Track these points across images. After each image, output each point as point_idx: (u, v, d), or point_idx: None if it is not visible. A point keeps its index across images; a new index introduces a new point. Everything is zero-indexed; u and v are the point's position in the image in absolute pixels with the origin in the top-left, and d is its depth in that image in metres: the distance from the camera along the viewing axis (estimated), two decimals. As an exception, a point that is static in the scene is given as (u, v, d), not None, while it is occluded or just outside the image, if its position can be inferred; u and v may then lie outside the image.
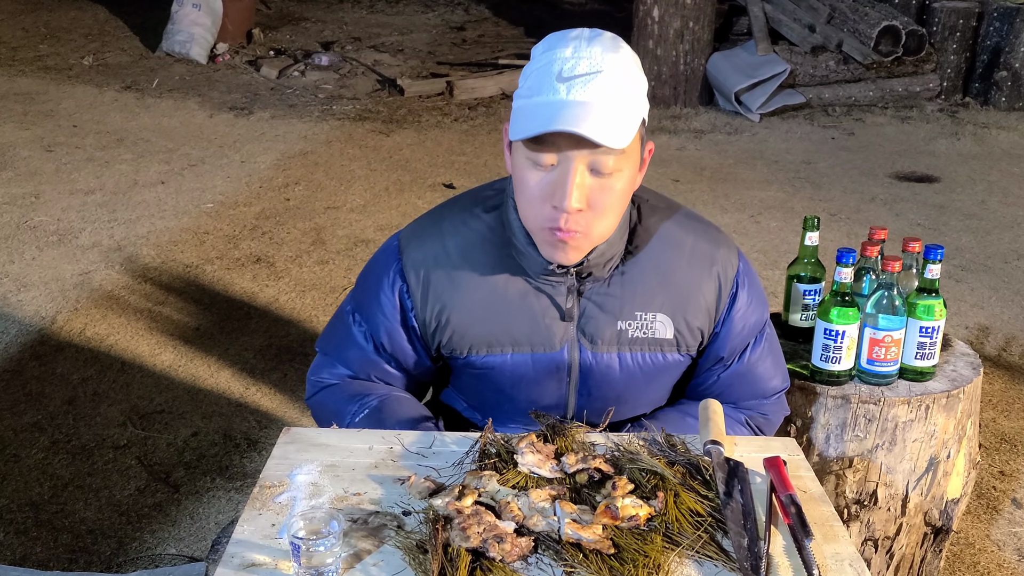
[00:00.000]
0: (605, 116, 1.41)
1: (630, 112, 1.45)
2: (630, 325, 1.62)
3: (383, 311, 1.65)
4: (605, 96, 1.42)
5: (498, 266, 1.61)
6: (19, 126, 6.32)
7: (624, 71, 1.45)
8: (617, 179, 1.47)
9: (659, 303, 1.62)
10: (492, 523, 1.29)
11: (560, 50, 1.45)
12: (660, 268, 1.62)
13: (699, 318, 1.64)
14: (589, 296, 1.61)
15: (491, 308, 1.60)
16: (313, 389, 1.77)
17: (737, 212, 5.15)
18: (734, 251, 1.68)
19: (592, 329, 1.62)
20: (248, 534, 1.32)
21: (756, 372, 1.73)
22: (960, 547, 2.68)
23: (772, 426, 1.81)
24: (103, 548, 2.61)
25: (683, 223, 1.67)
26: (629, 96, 1.45)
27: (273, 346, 3.67)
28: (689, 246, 1.64)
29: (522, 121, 1.45)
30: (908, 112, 7.06)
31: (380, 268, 1.67)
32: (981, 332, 3.93)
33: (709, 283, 1.64)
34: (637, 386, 1.67)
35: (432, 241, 1.63)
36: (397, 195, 5.27)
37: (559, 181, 1.45)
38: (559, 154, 1.44)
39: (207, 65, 7.95)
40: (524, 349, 1.62)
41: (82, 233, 4.67)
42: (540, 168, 1.46)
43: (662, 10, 7.01)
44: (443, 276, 1.61)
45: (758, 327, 1.71)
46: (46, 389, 3.35)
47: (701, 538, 1.30)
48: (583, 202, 1.45)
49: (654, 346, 1.64)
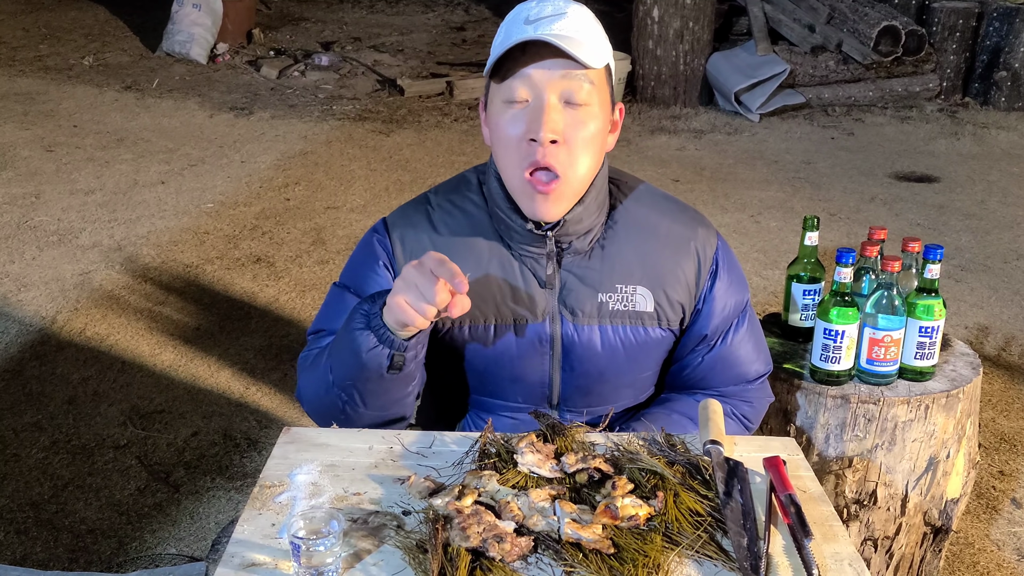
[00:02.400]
0: (576, 43, 1.50)
1: (598, 44, 1.54)
2: (611, 297, 1.65)
3: (376, 278, 1.67)
4: (573, 29, 1.52)
5: (481, 240, 1.65)
6: (19, 126, 6.33)
7: (588, 16, 1.56)
8: (588, 115, 1.53)
9: (639, 276, 1.65)
10: (492, 523, 1.29)
11: (526, 4, 1.57)
12: (640, 242, 1.66)
13: (679, 292, 1.67)
14: (569, 268, 1.64)
15: (474, 280, 1.63)
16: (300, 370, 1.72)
17: (737, 212, 5.16)
18: (712, 231, 1.72)
19: (573, 301, 1.64)
20: (248, 534, 1.32)
21: (738, 354, 1.74)
22: (960, 547, 2.68)
23: (757, 414, 1.81)
24: (103, 548, 2.61)
25: (661, 203, 1.72)
26: (597, 32, 1.55)
27: (273, 346, 3.67)
28: (668, 223, 1.69)
29: (493, 56, 1.53)
30: (908, 112, 7.06)
31: (368, 244, 1.70)
32: (981, 332, 3.93)
33: (688, 259, 1.68)
34: (619, 363, 1.68)
35: (418, 217, 1.68)
36: (397, 195, 5.27)
37: (533, 114, 1.52)
38: (531, 87, 1.52)
39: (207, 65, 7.95)
40: (507, 320, 1.65)
41: (82, 233, 4.68)
42: (514, 106, 1.53)
43: (662, 10, 7.02)
44: (428, 247, 1.64)
45: (739, 308, 1.73)
46: (46, 389, 3.35)
47: (701, 538, 1.30)
48: (558, 133, 1.51)
49: (635, 319, 1.66)
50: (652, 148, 6.29)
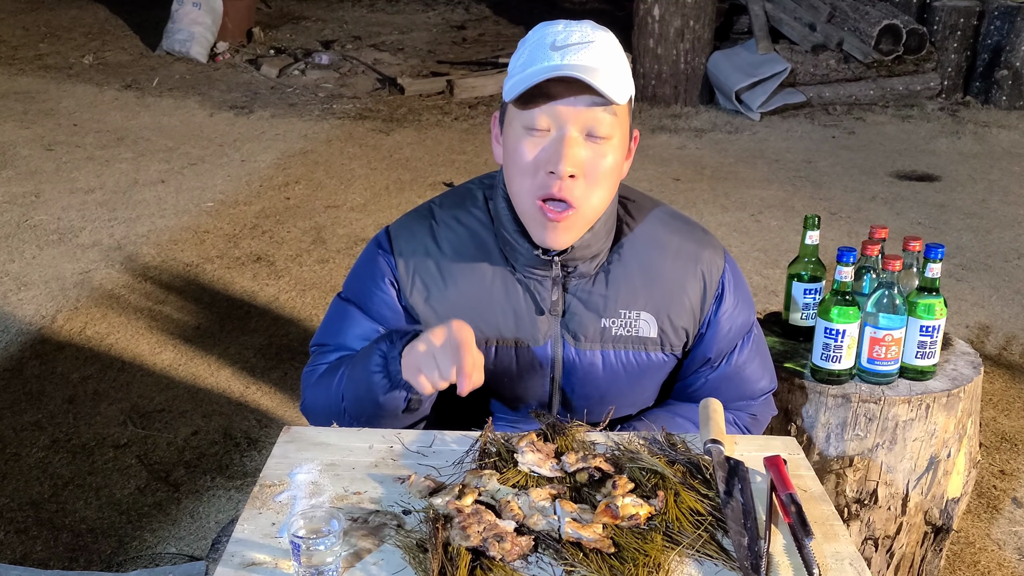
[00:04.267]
0: (601, 74, 1.46)
1: (624, 76, 1.50)
2: (614, 323, 1.63)
3: (380, 291, 1.66)
4: (599, 60, 1.47)
5: (485, 260, 1.63)
6: (19, 125, 6.32)
7: (614, 44, 1.52)
8: (609, 148, 1.50)
9: (643, 301, 1.63)
10: (492, 522, 1.29)
11: (551, 27, 1.52)
12: (645, 267, 1.64)
13: (683, 318, 1.65)
14: (574, 292, 1.62)
15: (476, 300, 1.62)
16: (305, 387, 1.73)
17: (737, 211, 5.15)
18: (720, 252, 1.68)
19: (576, 326, 1.63)
20: (248, 533, 1.32)
21: (744, 374, 1.73)
22: (960, 546, 2.68)
23: (760, 426, 1.81)
24: (103, 547, 2.61)
25: (669, 223, 1.68)
26: (622, 64, 1.51)
27: (273, 345, 3.67)
28: (675, 245, 1.66)
29: (518, 85, 1.48)
30: (909, 111, 7.05)
31: (370, 257, 1.68)
32: (982, 331, 3.92)
33: (694, 283, 1.65)
34: (620, 386, 1.67)
35: (421, 232, 1.66)
36: (397, 194, 5.27)
37: (554, 146, 1.48)
38: (553, 117, 1.48)
39: (207, 64, 7.95)
40: (508, 343, 1.63)
41: (82, 232, 4.68)
42: (534, 134, 1.50)
43: (663, 9, 7.01)
44: (431, 266, 1.63)
45: (745, 328, 1.71)
46: (46, 388, 3.35)
47: (701, 537, 1.30)
48: (578, 167, 1.48)
49: (638, 344, 1.64)
50: (653, 147, 6.28)
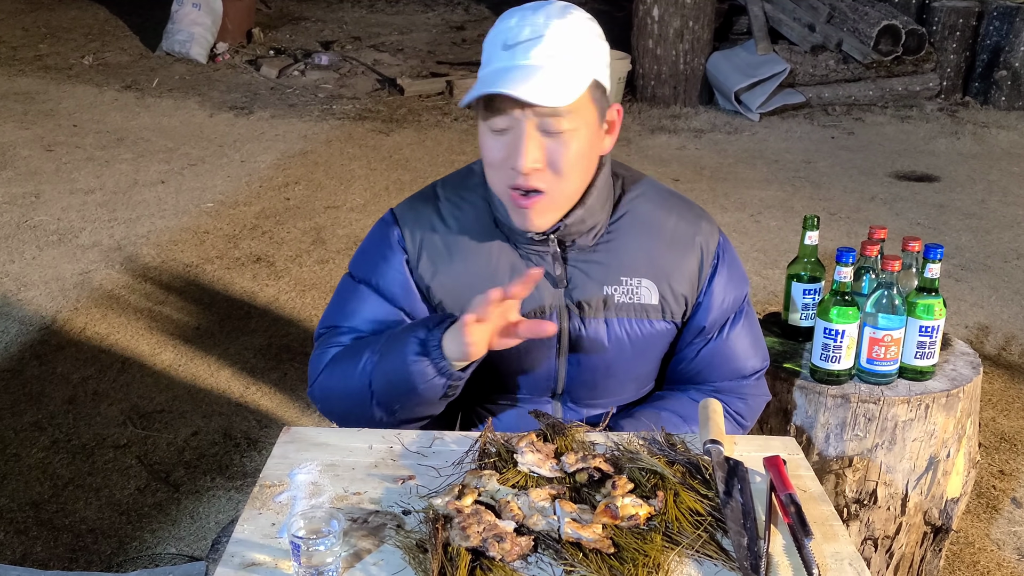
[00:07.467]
0: (545, 77, 1.46)
1: (574, 73, 1.49)
2: (616, 290, 1.66)
3: (391, 266, 1.67)
4: (546, 57, 1.48)
5: (489, 236, 1.66)
6: (19, 125, 6.32)
7: (569, 34, 1.50)
8: (571, 138, 1.52)
9: (644, 269, 1.67)
10: (492, 522, 1.29)
11: (506, 20, 1.54)
12: (644, 237, 1.67)
13: (683, 285, 1.68)
14: (575, 263, 1.66)
15: (482, 275, 1.64)
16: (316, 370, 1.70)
17: (737, 211, 5.15)
18: (715, 226, 1.73)
19: (579, 295, 1.66)
20: (248, 533, 1.32)
21: (735, 349, 1.75)
22: (960, 546, 2.68)
23: (752, 412, 1.81)
24: (103, 547, 2.61)
25: (667, 198, 1.73)
26: (574, 58, 1.50)
27: (273, 345, 3.67)
28: (674, 216, 1.70)
29: (472, 90, 1.51)
30: (908, 111, 7.06)
31: (379, 234, 1.70)
32: (981, 331, 3.93)
33: (691, 252, 1.69)
34: (626, 356, 1.69)
35: (426, 211, 1.69)
36: (397, 194, 5.27)
37: (513, 143, 1.51)
38: (509, 118, 1.50)
39: (207, 65, 7.95)
40: None
41: (82, 232, 4.68)
42: (496, 134, 1.53)
43: (662, 9, 7.01)
44: (437, 240, 1.66)
45: (738, 303, 1.75)
46: (46, 388, 3.35)
47: (701, 537, 1.30)
48: (538, 162, 1.51)
49: (640, 312, 1.67)
50: (652, 147, 6.28)
